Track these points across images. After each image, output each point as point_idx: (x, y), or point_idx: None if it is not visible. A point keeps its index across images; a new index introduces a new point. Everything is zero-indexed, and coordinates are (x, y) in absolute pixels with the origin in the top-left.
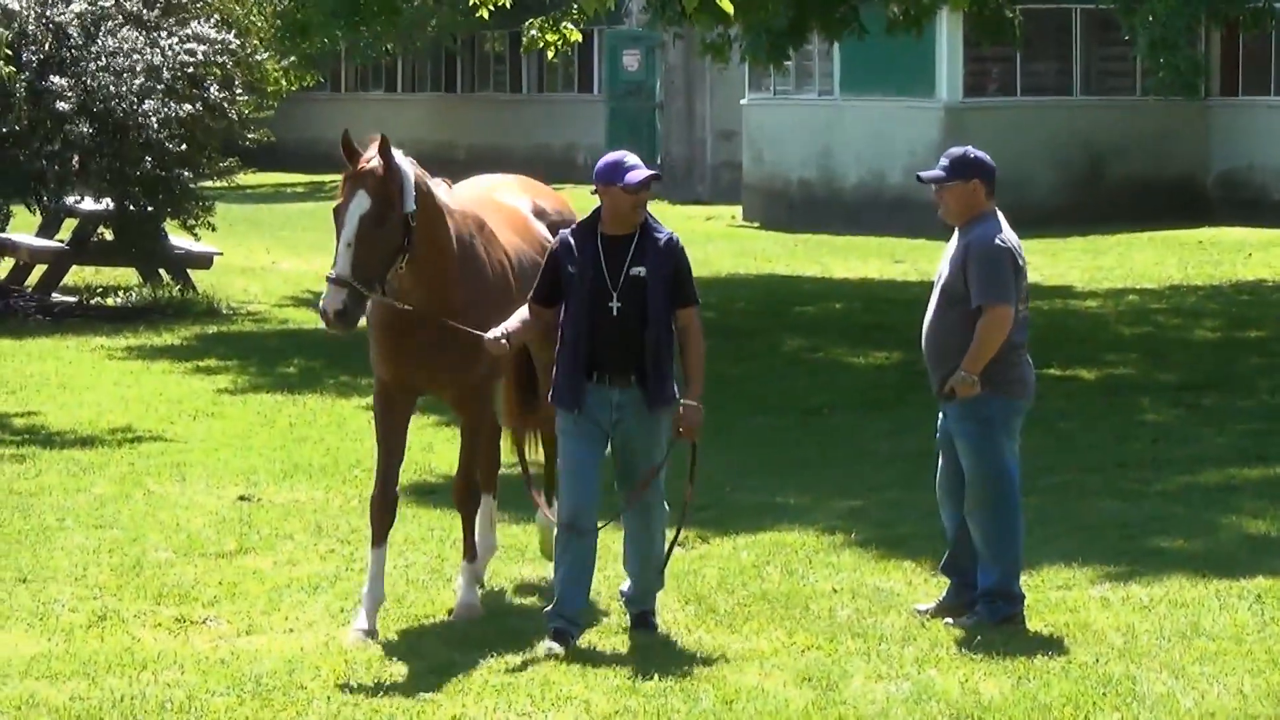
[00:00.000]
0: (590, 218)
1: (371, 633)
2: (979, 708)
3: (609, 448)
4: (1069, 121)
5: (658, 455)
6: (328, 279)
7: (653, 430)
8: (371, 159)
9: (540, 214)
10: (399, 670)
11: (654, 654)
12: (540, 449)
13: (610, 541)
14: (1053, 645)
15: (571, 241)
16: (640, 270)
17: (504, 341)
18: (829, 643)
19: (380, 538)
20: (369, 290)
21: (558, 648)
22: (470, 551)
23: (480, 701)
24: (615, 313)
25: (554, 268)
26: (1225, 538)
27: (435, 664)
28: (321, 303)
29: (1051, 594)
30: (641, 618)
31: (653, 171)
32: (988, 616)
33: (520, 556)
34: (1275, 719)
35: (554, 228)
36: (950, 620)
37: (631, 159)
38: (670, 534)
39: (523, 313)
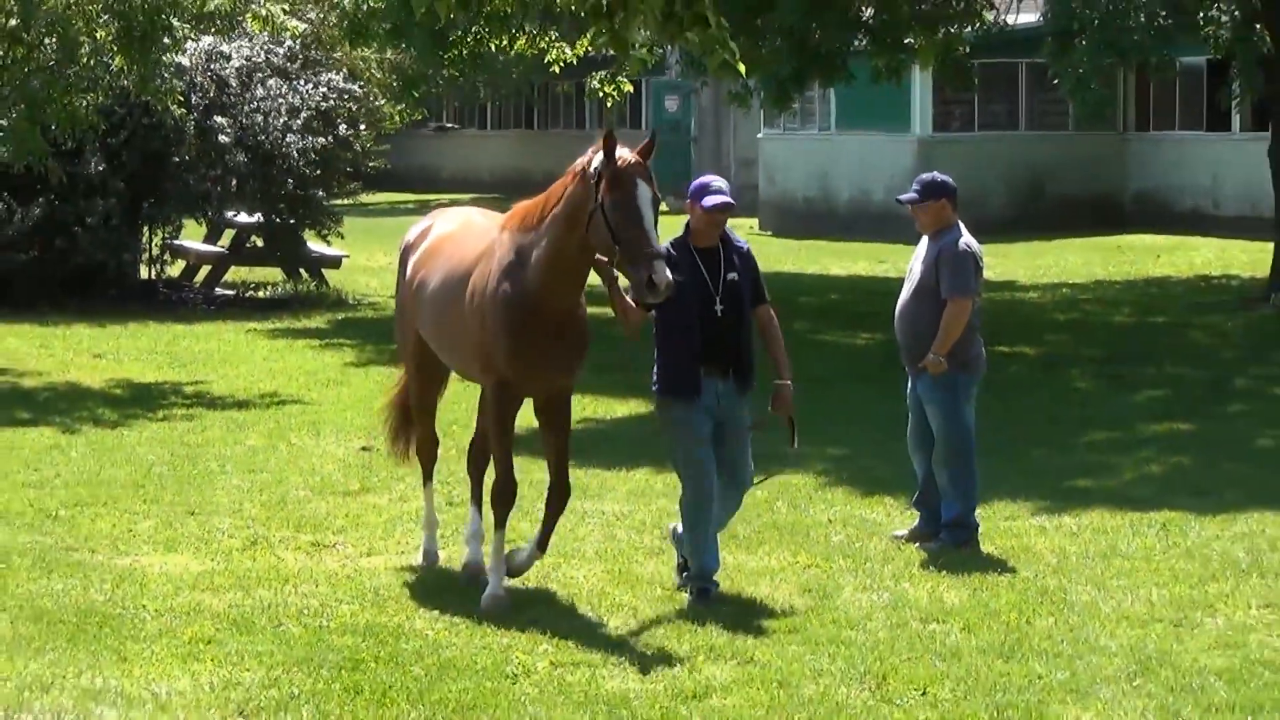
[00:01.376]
0: (681, 235)
1: (504, 599)
2: (942, 612)
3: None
4: (1016, 151)
5: (745, 424)
6: (654, 257)
7: (744, 409)
8: (633, 156)
9: None
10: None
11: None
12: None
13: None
14: (1001, 564)
15: (672, 253)
16: (734, 275)
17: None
18: (825, 561)
19: (502, 522)
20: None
21: (703, 602)
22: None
23: (551, 607)
24: (720, 314)
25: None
26: (1137, 479)
27: (510, 586)
28: (656, 276)
29: (1000, 523)
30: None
31: (727, 199)
32: (950, 541)
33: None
34: (1176, 620)
35: None
36: (921, 545)
37: (716, 184)
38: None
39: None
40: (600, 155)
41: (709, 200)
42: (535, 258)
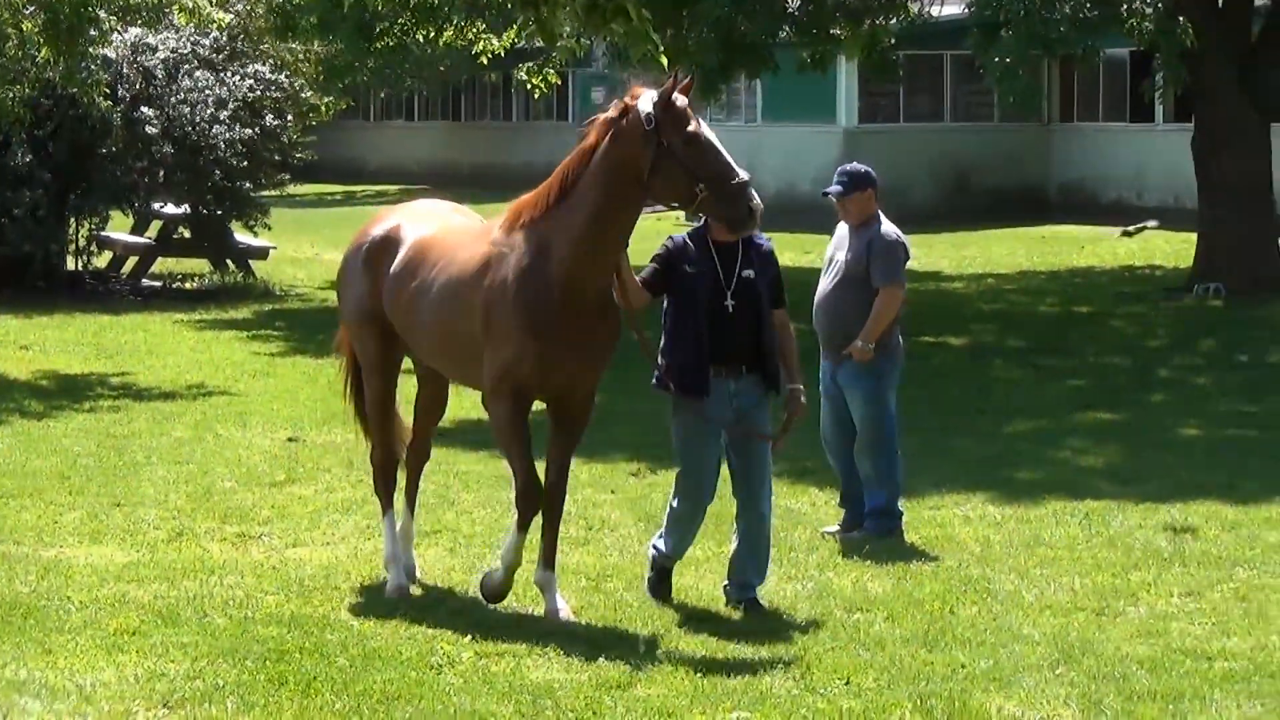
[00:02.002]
0: (701, 227)
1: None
2: (866, 602)
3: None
4: (941, 143)
5: (763, 428)
6: (745, 184)
7: (763, 409)
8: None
9: None
10: (418, 569)
11: (612, 563)
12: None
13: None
14: (925, 553)
15: (687, 244)
16: (750, 273)
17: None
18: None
19: (526, 524)
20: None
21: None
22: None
23: (476, 598)
24: (731, 310)
25: (668, 264)
26: (1060, 468)
27: (439, 568)
28: (754, 204)
29: (924, 513)
30: (753, 603)
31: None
32: (874, 530)
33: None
34: (1099, 609)
35: None
36: (844, 534)
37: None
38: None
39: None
40: (642, 104)
41: None
42: (564, 241)
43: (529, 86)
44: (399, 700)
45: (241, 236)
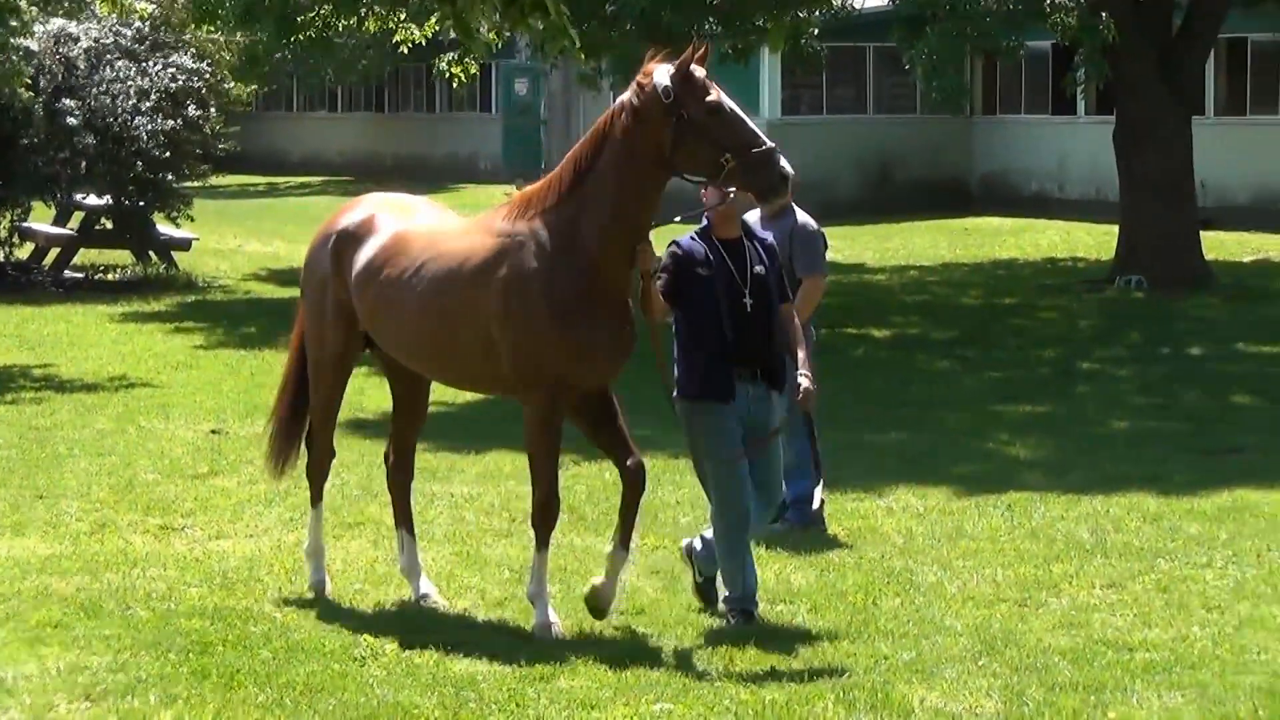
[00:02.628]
0: (704, 226)
1: (555, 626)
2: (789, 594)
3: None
4: (864, 135)
5: (774, 423)
6: (773, 149)
7: (778, 408)
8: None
9: None
10: (341, 561)
11: None
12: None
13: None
14: (848, 545)
15: (697, 246)
16: (761, 269)
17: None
18: (673, 543)
19: (546, 542)
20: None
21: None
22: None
23: (399, 590)
24: (749, 308)
25: (679, 269)
26: (983, 460)
27: (363, 560)
28: (785, 168)
29: (847, 505)
30: (747, 614)
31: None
32: (797, 520)
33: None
34: (1021, 601)
35: None
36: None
37: None
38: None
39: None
40: (658, 77)
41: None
42: (591, 226)
43: (449, 76)
44: (322, 692)
45: (164, 228)
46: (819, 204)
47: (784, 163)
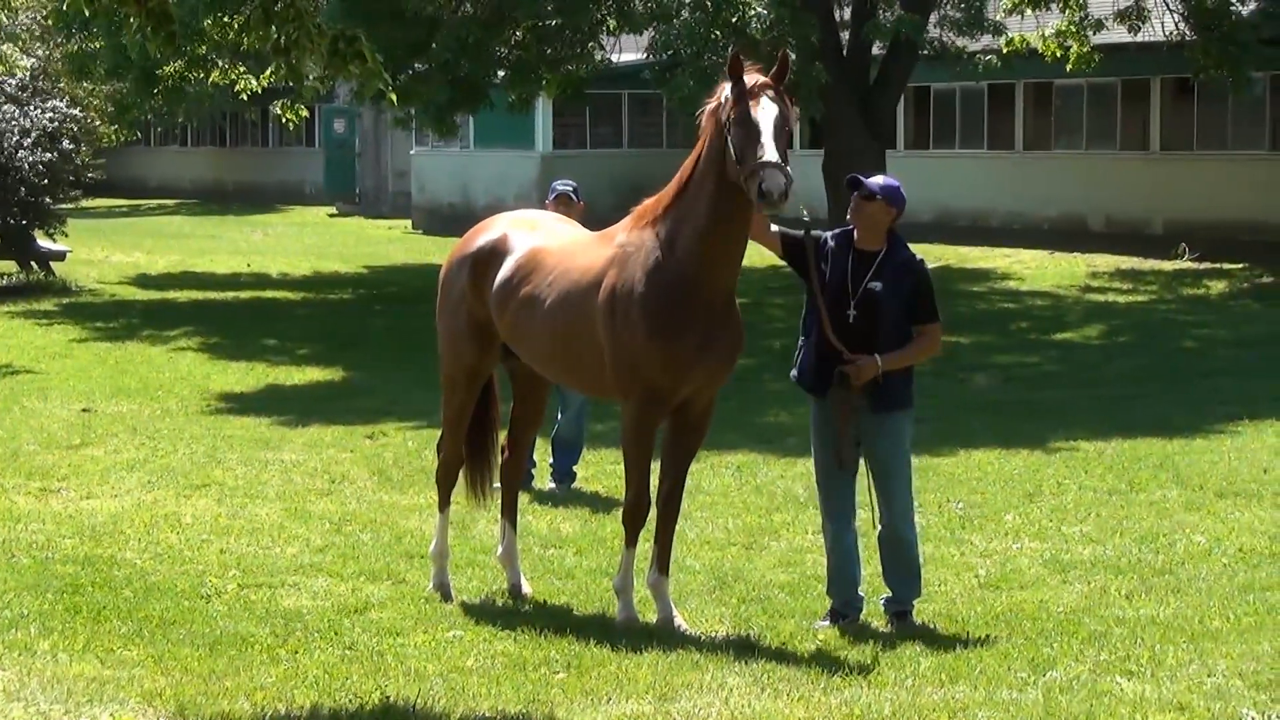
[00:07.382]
0: (848, 229)
1: (635, 619)
2: (559, 540)
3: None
4: (621, 165)
5: (890, 459)
6: (765, 165)
7: (883, 431)
8: (761, 77)
9: None
10: (190, 516)
11: (350, 510)
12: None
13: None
14: (606, 500)
15: (830, 243)
16: (877, 285)
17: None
18: (464, 500)
19: (634, 541)
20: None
21: (829, 625)
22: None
23: (239, 540)
24: (851, 320)
25: (800, 250)
26: (716, 428)
27: (209, 516)
28: (766, 184)
29: (606, 467)
30: (901, 614)
31: (872, 188)
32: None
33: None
34: (748, 544)
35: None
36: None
37: (875, 178)
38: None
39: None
40: (730, 88)
41: (873, 182)
42: (688, 235)
43: (284, 120)
44: (175, 625)
45: (43, 242)
46: (588, 221)
47: (768, 178)
